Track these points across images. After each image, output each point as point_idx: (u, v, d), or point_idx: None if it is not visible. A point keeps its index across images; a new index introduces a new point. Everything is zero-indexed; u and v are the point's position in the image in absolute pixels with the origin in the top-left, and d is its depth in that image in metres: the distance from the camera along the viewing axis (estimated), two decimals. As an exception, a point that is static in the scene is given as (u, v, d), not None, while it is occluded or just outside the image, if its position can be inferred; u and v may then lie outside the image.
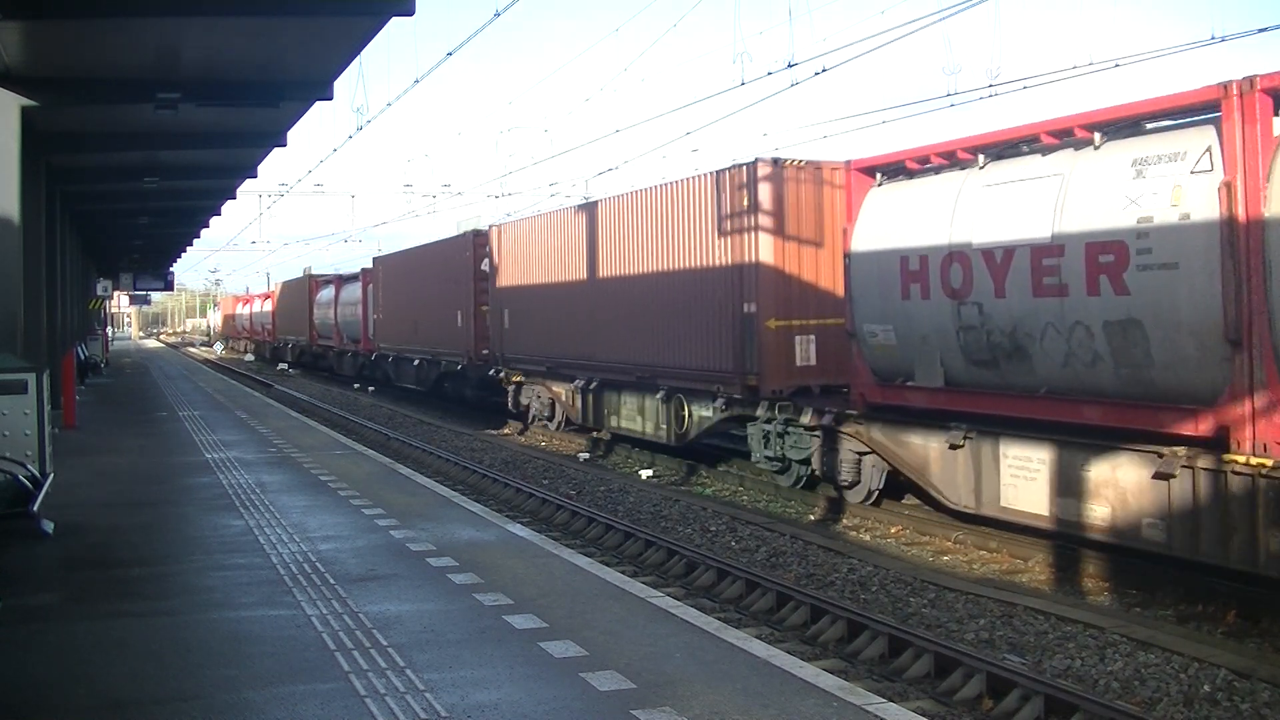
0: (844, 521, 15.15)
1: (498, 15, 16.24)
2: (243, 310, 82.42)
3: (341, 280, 49.18)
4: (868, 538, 14.18)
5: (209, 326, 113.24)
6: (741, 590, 11.13)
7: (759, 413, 16.91)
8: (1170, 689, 8.26)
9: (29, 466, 10.71)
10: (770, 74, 17.18)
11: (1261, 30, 14.07)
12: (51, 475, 11.31)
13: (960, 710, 8.00)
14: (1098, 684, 8.42)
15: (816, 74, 16.87)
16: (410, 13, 11.55)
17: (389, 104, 32.19)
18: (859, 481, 15.30)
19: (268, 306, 68.17)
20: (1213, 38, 14.19)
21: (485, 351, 28.70)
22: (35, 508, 10.24)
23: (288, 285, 61.31)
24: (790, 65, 16.63)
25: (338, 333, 47.89)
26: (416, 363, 34.77)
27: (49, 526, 10.40)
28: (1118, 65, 14.66)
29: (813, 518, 15.63)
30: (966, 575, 12.11)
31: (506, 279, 27.18)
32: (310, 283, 53.22)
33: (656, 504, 16.13)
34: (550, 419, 25.85)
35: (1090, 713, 7.45)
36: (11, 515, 10.18)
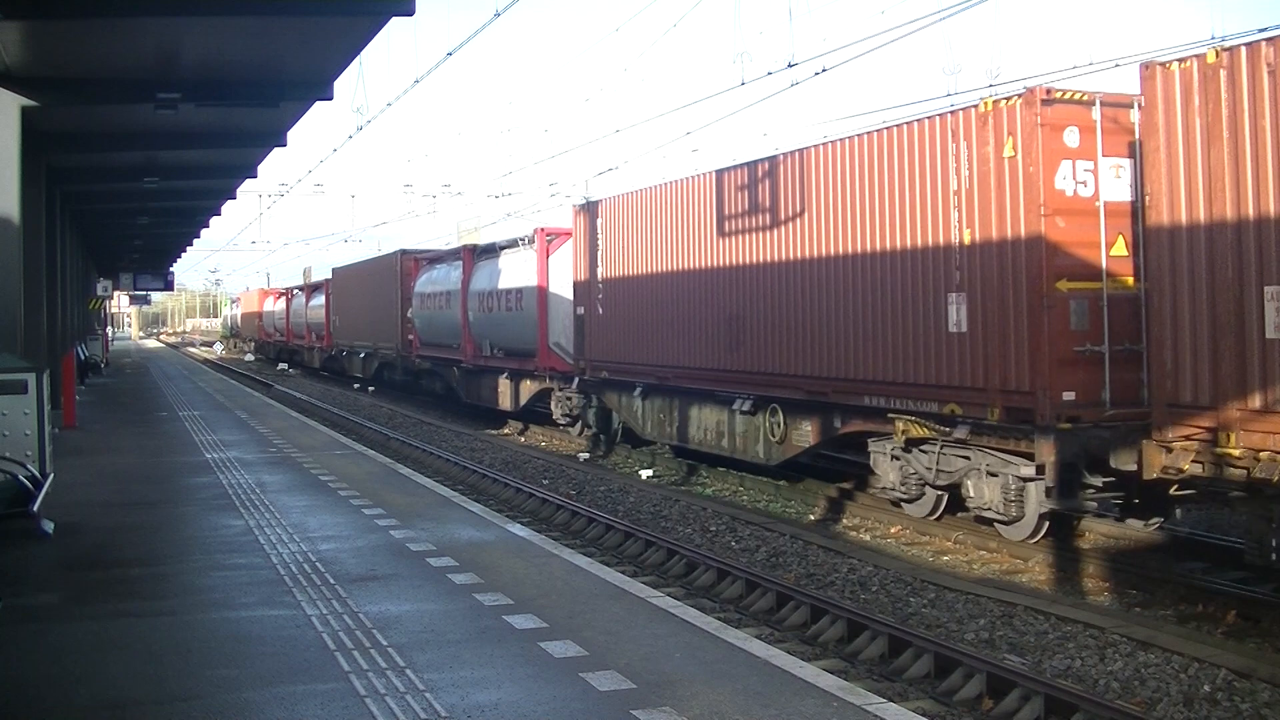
0: (844, 522, 15.15)
1: (498, 15, 16.23)
2: (273, 307, 69.43)
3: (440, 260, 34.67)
4: (868, 538, 14.18)
5: (230, 323, 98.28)
6: (741, 590, 11.13)
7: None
8: (1170, 689, 8.26)
9: (29, 466, 10.71)
10: (770, 74, 17.18)
11: (1261, 30, 14.05)
12: (51, 475, 11.31)
13: (960, 710, 8.00)
14: (1098, 684, 8.42)
15: (816, 74, 16.87)
16: (410, 13, 11.54)
17: (389, 104, 32.18)
18: None
19: (318, 301, 52.14)
20: (1213, 38, 14.19)
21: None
22: (35, 508, 10.25)
23: (360, 270, 44.39)
24: (790, 65, 16.63)
25: (471, 343, 29.67)
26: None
27: (49, 526, 10.41)
28: (1118, 65, 14.71)
29: (813, 518, 15.63)
30: (966, 575, 12.11)
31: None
32: (404, 263, 37.03)
33: (656, 504, 16.13)
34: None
35: (1090, 713, 7.45)
36: (11, 515, 10.19)
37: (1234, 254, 10.01)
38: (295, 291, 61.98)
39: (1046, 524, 12.51)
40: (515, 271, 26.92)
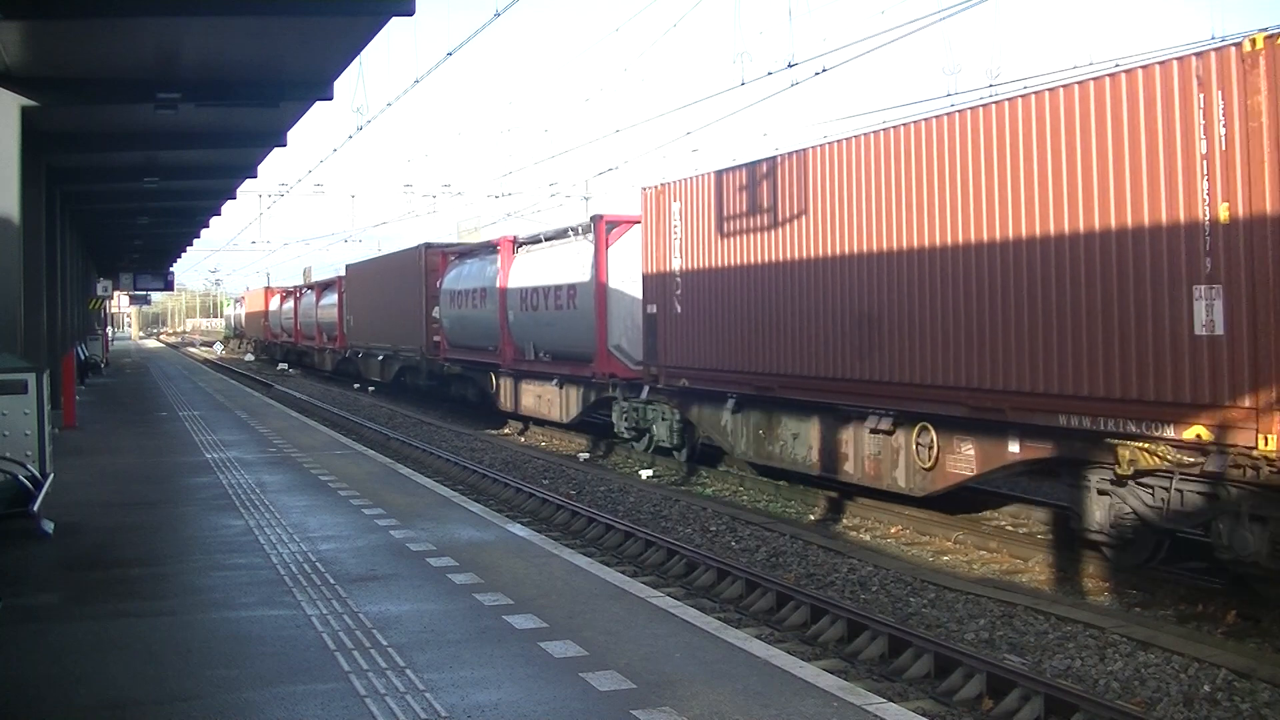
0: (844, 521, 15.15)
1: (498, 15, 16.24)
2: (280, 306, 64.87)
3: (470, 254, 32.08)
4: (868, 538, 14.17)
5: (234, 324, 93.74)
6: (741, 590, 11.13)
7: None
8: (1170, 689, 8.26)
9: (29, 466, 10.71)
10: (770, 74, 17.18)
11: (1262, 30, 14.04)
12: (51, 475, 11.32)
13: (960, 710, 8.00)
14: (1098, 684, 8.42)
15: (816, 74, 16.88)
16: (410, 13, 11.55)
17: (389, 104, 32.16)
18: None
19: (330, 300, 48.87)
20: (1213, 38, 14.18)
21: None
22: (35, 508, 10.26)
23: (378, 266, 41.34)
24: (790, 65, 16.64)
25: (511, 345, 27.38)
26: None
27: (49, 526, 10.41)
28: (1118, 65, 14.63)
29: (813, 518, 15.63)
30: (966, 575, 12.11)
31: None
32: (429, 258, 34.01)
33: (656, 504, 16.13)
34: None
35: (1090, 713, 7.45)
36: (11, 515, 10.19)
37: None
38: (304, 290, 58.17)
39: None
40: (566, 265, 23.70)
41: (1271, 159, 9.56)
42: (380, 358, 39.30)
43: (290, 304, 61.49)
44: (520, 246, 27.45)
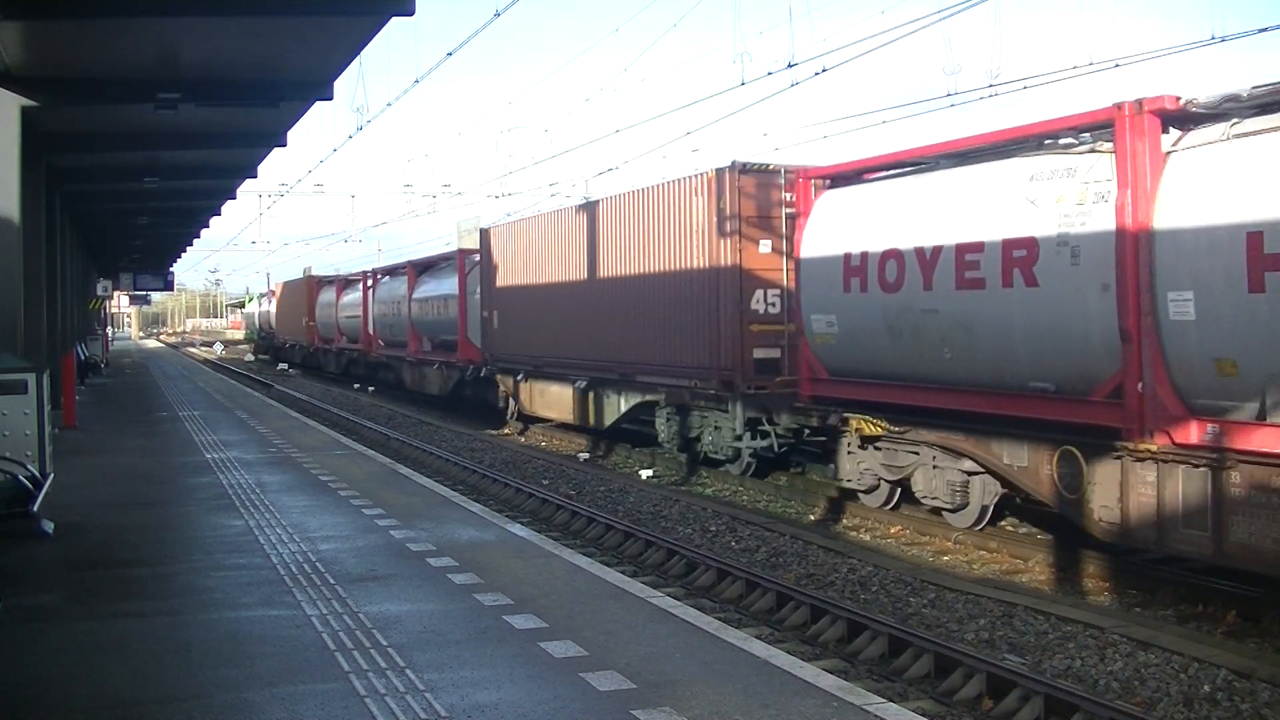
0: (844, 522, 15.15)
1: (498, 15, 16.26)
2: (333, 299, 47.64)
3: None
4: (868, 538, 14.17)
5: (259, 324, 73.81)
6: (741, 590, 11.13)
7: None
8: (1170, 689, 8.26)
9: (29, 466, 10.72)
10: (770, 74, 17.19)
11: (1261, 30, 14.07)
12: (51, 475, 11.33)
13: (960, 710, 8.00)
14: (1098, 684, 8.42)
15: (816, 74, 16.89)
16: (410, 13, 11.55)
17: (389, 104, 32.24)
18: None
19: (438, 288, 33.94)
20: (1213, 37, 14.19)
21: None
22: (35, 508, 10.27)
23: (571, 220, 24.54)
24: (790, 65, 16.64)
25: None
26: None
27: (49, 526, 10.41)
28: (1118, 65, 14.66)
29: (813, 518, 15.63)
30: (966, 575, 12.11)
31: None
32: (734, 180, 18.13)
33: (656, 504, 16.13)
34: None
35: (1090, 713, 7.45)
36: (11, 515, 10.20)
37: None
38: (381, 276, 41.85)
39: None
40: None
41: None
42: (582, 384, 23.16)
43: (354, 296, 44.63)
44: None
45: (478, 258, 30.16)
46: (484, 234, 29.11)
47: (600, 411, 22.49)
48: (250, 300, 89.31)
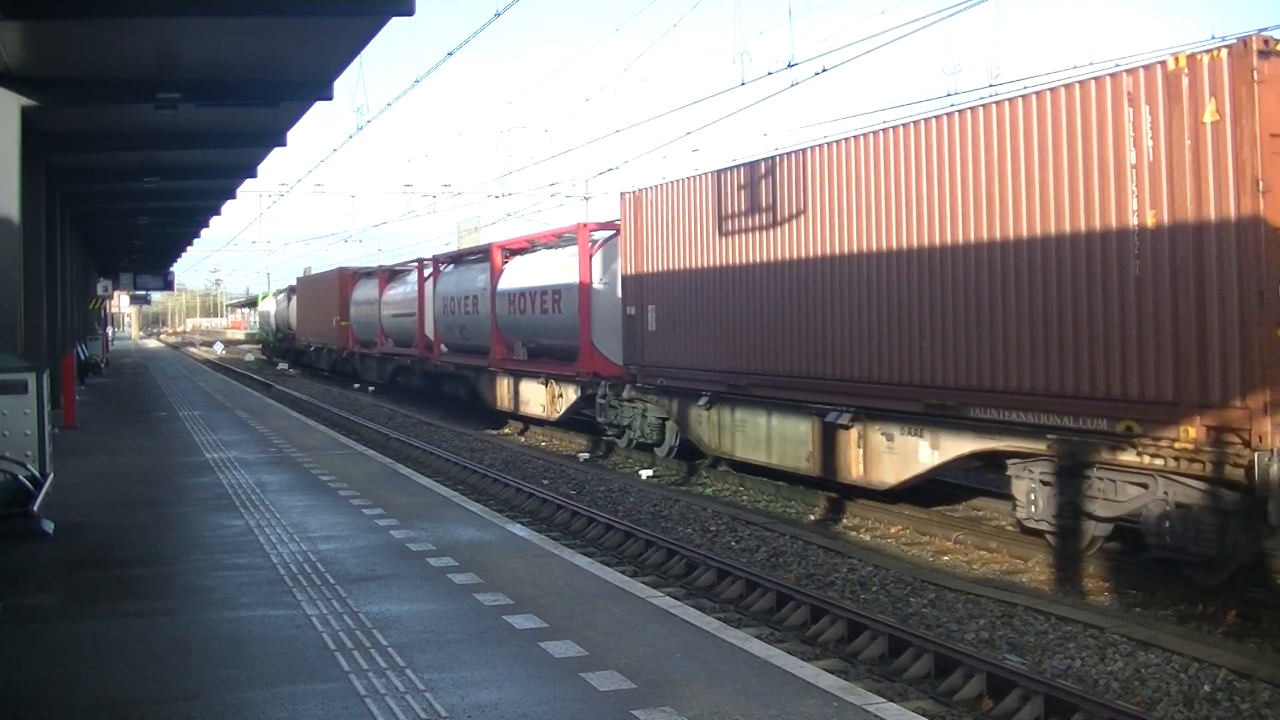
0: (844, 521, 15.15)
1: (498, 15, 16.27)
2: (374, 294, 39.57)
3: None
4: (868, 538, 14.17)
5: (275, 324, 64.10)
6: (741, 590, 11.13)
7: None
8: (1170, 689, 8.26)
9: (29, 466, 10.72)
10: (770, 74, 17.20)
11: (1261, 30, 14.06)
12: (51, 475, 11.32)
13: (960, 710, 8.00)
14: (1098, 684, 8.42)
15: (816, 74, 16.89)
16: (410, 13, 11.56)
17: (389, 104, 32.30)
18: None
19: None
20: (1212, 37, 14.16)
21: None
22: (35, 508, 10.27)
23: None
24: (790, 65, 16.65)
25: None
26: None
27: (49, 526, 10.41)
28: (1118, 65, 14.64)
29: (813, 518, 15.63)
30: (966, 575, 12.11)
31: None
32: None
33: (656, 504, 16.13)
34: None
35: (1090, 713, 7.45)
36: (11, 515, 10.20)
37: None
38: (445, 264, 33.26)
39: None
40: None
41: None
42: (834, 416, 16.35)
43: (404, 290, 37.03)
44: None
45: (607, 234, 22.81)
46: (628, 200, 20.52)
47: (875, 461, 14.70)
48: (265, 297, 75.00)
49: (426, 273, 34.57)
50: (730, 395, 17.66)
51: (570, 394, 23.93)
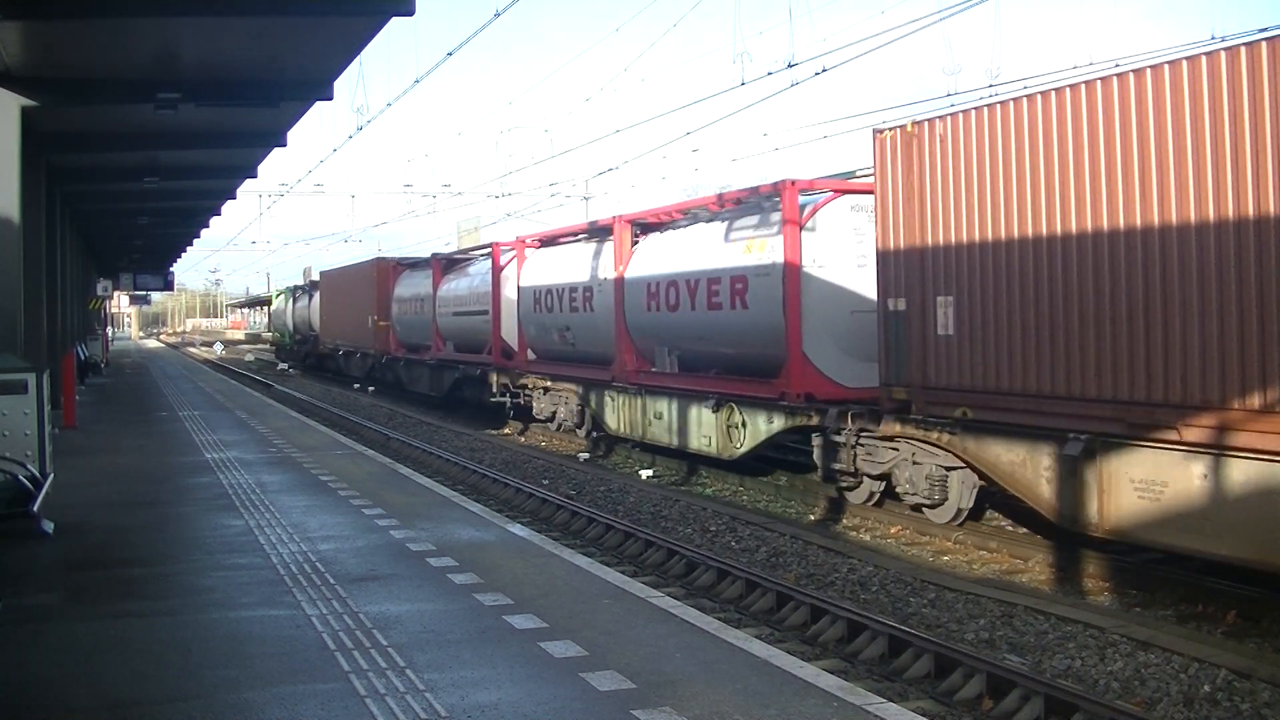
0: (844, 521, 15.15)
1: (498, 15, 16.27)
2: (438, 291, 32.02)
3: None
4: (868, 538, 14.17)
5: (293, 324, 57.26)
6: (741, 590, 11.13)
7: None
8: (1170, 689, 8.26)
9: (29, 466, 10.72)
10: (770, 74, 17.22)
11: (1261, 30, 14.09)
12: (51, 475, 11.32)
13: (960, 710, 8.00)
14: (1098, 684, 8.42)
15: (816, 74, 16.91)
16: (410, 13, 11.57)
17: (389, 104, 32.30)
18: None
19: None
20: (1212, 38, 14.21)
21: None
22: (35, 508, 10.27)
23: None
24: (790, 65, 16.66)
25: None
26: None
27: (49, 526, 10.41)
28: (1117, 65, 14.66)
29: (813, 518, 15.63)
30: (966, 575, 12.11)
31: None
32: None
33: (656, 504, 16.13)
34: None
35: (1090, 713, 7.45)
36: (11, 515, 10.20)
37: None
38: (533, 243, 26.47)
39: None
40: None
41: None
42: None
43: (467, 283, 30.36)
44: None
45: (818, 197, 16.35)
46: (890, 140, 13.68)
47: None
48: (279, 295, 66.09)
49: (505, 259, 27.43)
50: (1122, 439, 10.72)
51: (761, 424, 16.75)
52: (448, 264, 33.27)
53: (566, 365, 23.97)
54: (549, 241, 26.00)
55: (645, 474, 19.62)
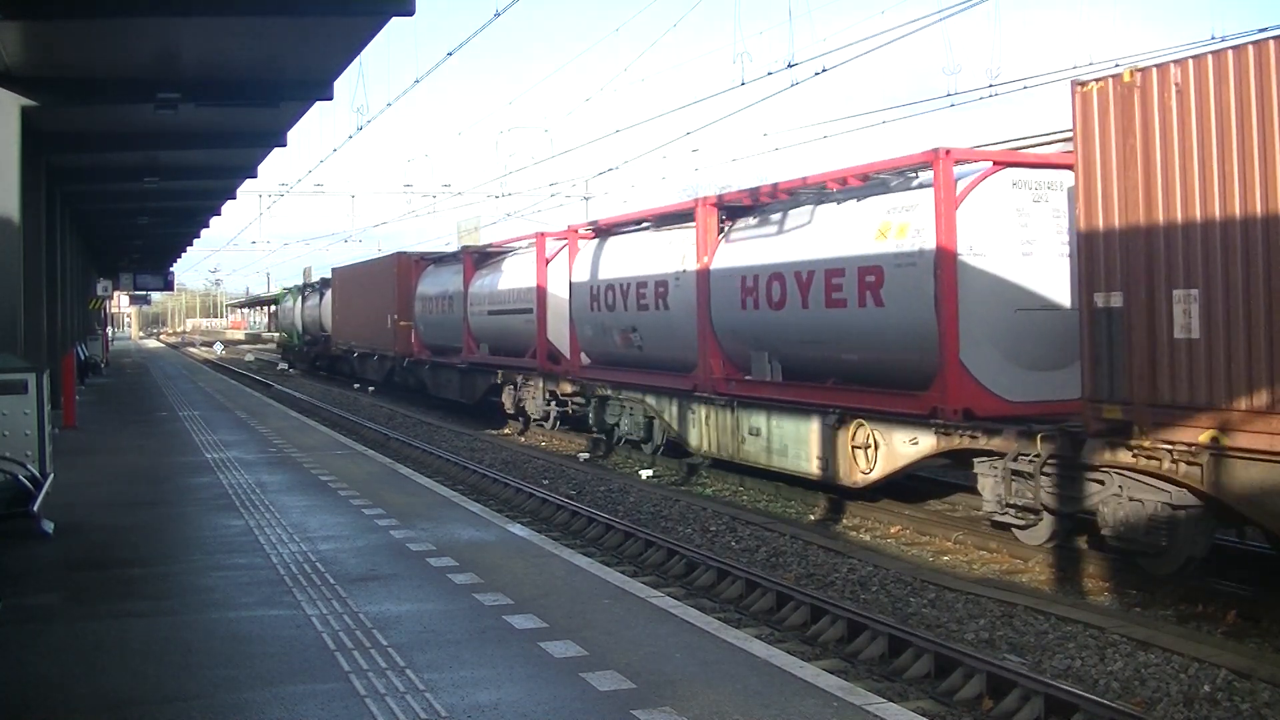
0: (844, 521, 15.15)
1: (498, 15, 16.25)
2: (478, 282, 28.65)
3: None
4: (868, 538, 14.17)
5: (304, 323, 53.48)
6: (741, 590, 11.13)
7: None
8: (1170, 689, 8.26)
9: (29, 466, 10.73)
10: (770, 74, 17.22)
11: (1261, 30, 14.10)
12: (51, 475, 11.33)
13: (960, 710, 7.99)
14: (1098, 684, 8.42)
15: (816, 74, 16.92)
16: (410, 13, 11.57)
17: (389, 104, 32.31)
18: None
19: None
20: (1212, 38, 14.22)
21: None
22: (35, 508, 10.27)
23: None
24: (790, 65, 16.67)
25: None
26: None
27: (49, 526, 10.41)
28: (1117, 65, 14.67)
29: (813, 518, 15.63)
30: (966, 575, 12.11)
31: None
32: None
33: (656, 504, 16.13)
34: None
35: (1090, 713, 7.45)
36: (11, 515, 10.20)
37: None
38: (587, 233, 23.19)
39: None
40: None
41: None
42: None
43: (502, 279, 27.32)
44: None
45: (976, 170, 13.42)
46: (1094, 93, 10.91)
47: None
48: (286, 293, 62.75)
49: (553, 251, 24.35)
50: None
51: (900, 445, 13.96)
52: (480, 257, 30.09)
53: (632, 372, 20.62)
54: (608, 230, 22.35)
55: (645, 474, 19.62)
